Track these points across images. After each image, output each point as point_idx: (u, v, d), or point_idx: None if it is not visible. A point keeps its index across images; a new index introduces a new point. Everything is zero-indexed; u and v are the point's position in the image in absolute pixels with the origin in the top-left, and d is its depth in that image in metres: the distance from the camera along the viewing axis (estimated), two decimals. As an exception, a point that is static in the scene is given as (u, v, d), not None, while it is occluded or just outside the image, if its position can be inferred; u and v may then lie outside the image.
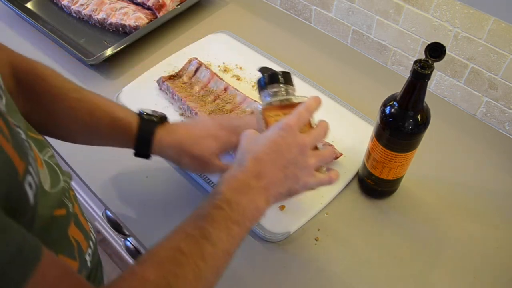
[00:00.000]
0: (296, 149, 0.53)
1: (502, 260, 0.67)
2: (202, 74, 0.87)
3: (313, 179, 0.55)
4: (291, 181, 0.53)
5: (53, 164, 0.51)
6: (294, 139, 0.53)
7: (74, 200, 0.54)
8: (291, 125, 0.53)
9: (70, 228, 0.51)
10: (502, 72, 0.76)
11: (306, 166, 0.54)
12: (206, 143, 0.64)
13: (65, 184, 0.51)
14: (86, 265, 0.54)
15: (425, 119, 0.61)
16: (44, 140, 0.52)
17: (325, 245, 0.68)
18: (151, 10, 1.02)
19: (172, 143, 0.64)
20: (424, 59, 0.55)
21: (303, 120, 0.55)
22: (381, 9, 0.87)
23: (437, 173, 0.77)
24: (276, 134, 0.53)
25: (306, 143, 0.54)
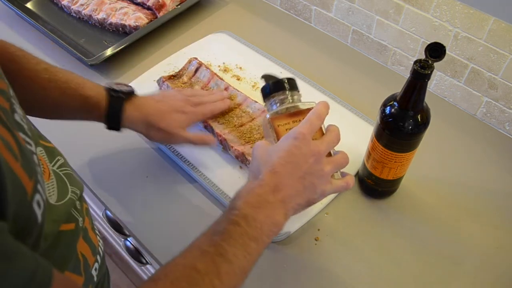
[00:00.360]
0: (312, 159, 0.52)
1: (502, 260, 0.67)
2: (202, 74, 0.87)
3: (330, 186, 0.55)
4: (309, 191, 0.52)
5: (63, 174, 0.50)
6: (308, 148, 0.52)
7: (86, 213, 0.53)
8: (304, 134, 0.52)
9: (79, 243, 0.50)
10: (502, 72, 0.76)
11: (323, 175, 0.53)
12: (172, 117, 0.68)
13: (72, 196, 0.50)
14: (93, 280, 0.53)
15: (425, 119, 0.61)
16: (55, 148, 0.52)
17: (325, 245, 0.68)
18: (151, 10, 1.02)
19: (140, 118, 0.67)
20: (424, 59, 0.55)
21: (315, 128, 0.54)
22: (381, 9, 0.87)
23: (437, 173, 0.77)
24: (291, 145, 0.52)
25: (321, 151, 0.53)
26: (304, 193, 0.52)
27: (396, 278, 0.65)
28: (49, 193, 0.45)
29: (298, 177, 0.51)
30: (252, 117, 0.79)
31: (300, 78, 0.89)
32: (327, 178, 0.54)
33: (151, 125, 0.67)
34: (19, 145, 0.35)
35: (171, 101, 0.71)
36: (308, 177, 0.52)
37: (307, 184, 0.52)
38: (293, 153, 0.52)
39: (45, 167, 0.45)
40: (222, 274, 0.43)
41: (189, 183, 0.75)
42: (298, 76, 0.89)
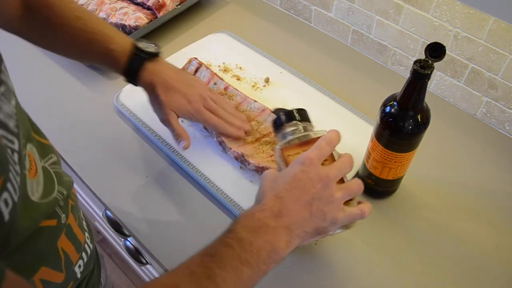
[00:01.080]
0: (320, 184, 0.49)
1: (502, 260, 0.67)
2: (202, 74, 0.87)
3: (342, 214, 0.51)
4: (318, 218, 0.49)
5: (53, 172, 0.49)
6: (316, 172, 0.50)
7: (71, 210, 0.52)
8: (311, 159, 0.50)
9: (60, 239, 0.49)
10: (502, 72, 0.76)
11: (333, 201, 0.50)
12: (176, 98, 0.68)
13: (58, 195, 0.49)
14: (75, 277, 0.53)
15: (425, 119, 0.61)
16: (50, 145, 0.52)
17: (325, 246, 0.68)
18: (151, 10, 1.02)
19: (150, 81, 0.67)
20: (424, 59, 0.55)
21: (324, 153, 0.52)
22: (381, 9, 0.87)
23: (437, 173, 0.77)
24: (297, 169, 0.50)
25: (330, 176, 0.50)
26: (312, 220, 0.49)
27: (396, 278, 0.65)
28: (32, 191, 0.43)
29: (305, 203, 0.49)
30: (252, 117, 0.79)
31: (300, 78, 0.89)
32: (338, 205, 0.51)
33: (154, 91, 0.67)
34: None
35: (189, 86, 0.70)
36: (316, 203, 0.49)
37: (314, 210, 0.49)
38: (300, 178, 0.49)
39: (32, 164, 0.44)
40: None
41: (189, 183, 0.75)
42: (298, 76, 0.89)
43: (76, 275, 0.53)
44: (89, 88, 0.89)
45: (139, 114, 0.83)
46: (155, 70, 0.67)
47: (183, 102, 0.68)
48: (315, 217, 0.49)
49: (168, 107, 0.67)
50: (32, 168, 0.44)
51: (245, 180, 0.74)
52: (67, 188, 0.52)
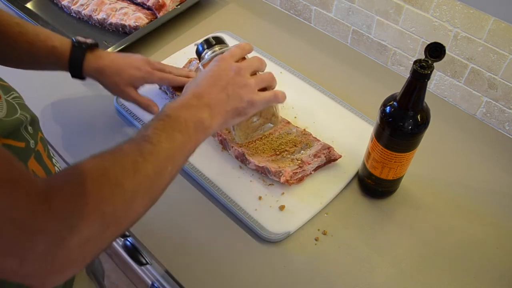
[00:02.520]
0: (232, 72, 0.57)
1: (502, 260, 0.67)
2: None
3: (258, 96, 0.58)
4: (235, 99, 0.56)
5: (15, 103, 0.54)
6: (228, 65, 0.58)
7: (40, 141, 0.57)
8: (224, 57, 0.58)
9: (30, 161, 0.54)
10: (502, 72, 0.76)
11: (247, 85, 0.57)
12: (127, 71, 0.73)
13: (21, 117, 0.53)
14: None
15: (425, 119, 0.61)
16: (10, 86, 0.56)
17: (325, 245, 0.68)
18: (151, 10, 1.02)
19: (97, 67, 0.72)
20: (424, 59, 0.55)
21: (236, 55, 0.59)
22: (381, 9, 0.87)
23: (437, 173, 0.77)
24: (211, 66, 0.58)
25: (241, 66, 0.58)
26: (229, 100, 0.56)
27: (396, 278, 0.65)
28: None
29: (221, 87, 0.56)
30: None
31: (300, 78, 0.89)
32: (252, 89, 0.58)
33: (105, 75, 0.73)
34: None
35: (131, 58, 0.75)
36: (231, 87, 0.56)
37: (231, 93, 0.56)
38: (213, 70, 0.57)
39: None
40: (145, 153, 0.46)
41: (188, 182, 0.75)
42: (298, 76, 0.89)
43: None
44: (89, 89, 0.89)
45: (139, 114, 0.83)
46: (97, 57, 0.72)
47: (134, 71, 0.74)
48: (232, 98, 0.56)
49: (124, 86, 0.74)
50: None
51: (244, 179, 0.74)
52: (31, 115, 0.56)
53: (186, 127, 0.51)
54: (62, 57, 0.70)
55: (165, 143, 0.48)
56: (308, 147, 0.75)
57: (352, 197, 0.73)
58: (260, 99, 0.59)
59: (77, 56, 0.71)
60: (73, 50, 0.71)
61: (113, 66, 0.73)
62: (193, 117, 0.52)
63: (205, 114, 0.54)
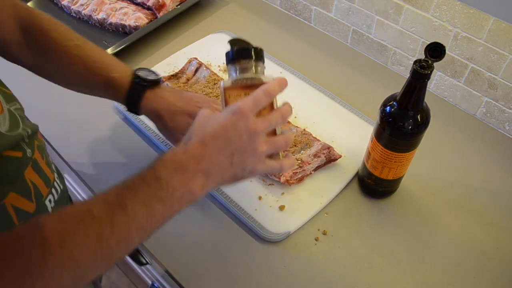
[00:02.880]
0: (246, 136, 0.50)
1: (502, 260, 0.67)
2: (202, 74, 0.87)
3: (262, 166, 0.53)
4: (237, 168, 0.51)
5: (17, 115, 0.53)
6: (245, 125, 0.50)
7: (38, 149, 0.56)
8: (243, 110, 0.50)
9: (27, 171, 0.52)
10: (502, 72, 0.76)
11: (256, 154, 0.51)
12: (183, 119, 0.67)
13: (23, 132, 0.53)
14: (46, 210, 0.56)
15: (425, 119, 0.61)
16: (13, 95, 0.55)
17: (325, 245, 0.68)
18: (151, 10, 1.02)
19: (153, 110, 0.67)
20: (424, 59, 0.55)
21: (260, 104, 0.51)
22: (381, 9, 0.87)
23: (437, 173, 0.77)
24: (227, 119, 0.50)
25: (258, 130, 0.50)
26: (231, 169, 0.51)
27: (396, 277, 0.65)
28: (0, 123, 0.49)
29: (228, 153, 0.50)
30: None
31: (300, 78, 0.89)
32: (260, 158, 0.52)
33: (160, 120, 0.67)
34: None
35: (190, 103, 0.69)
36: (239, 154, 0.50)
37: (236, 161, 0.50)
38: (227, 127, 0.50)
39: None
40: (115, 224, 0.43)
41: (189, 183, 0.75)
42: (298, 76, 0.89)
43: (47, 208, 0.56)
44: (89, 88, 0.89)
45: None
46: (156, 97, 0.67)
47: (187, 117, 0.67)
48: (235, 166, 0.51)
49: (177, 131, 0.67)
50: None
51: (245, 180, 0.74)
52: (32, 129, 0.55)
53: (171, 197, 0.47)
54: (120, 90, 0.66)
55: (141, 215, 0.45)
56: (308, 147, 0.75)
57: (352, 197, 0.73)
58: (263, 170, 0.53)
59: (136, 93, 0.66)
60: (132, 87, 0.66)
61: (168, 111, 0.67)
62: (183, 187, 0.48)
63: (198, 183, 0.48)
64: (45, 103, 0.87)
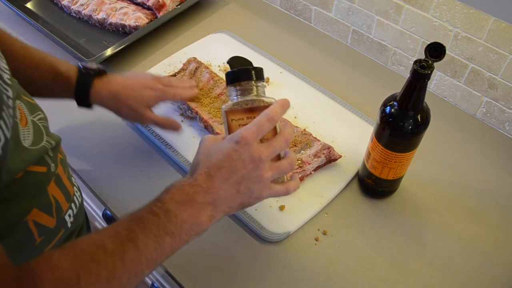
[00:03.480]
0: (251, 165, 0.50)
1: (502, 260, 0.67)
2: (202, 74, 0.87)
3: (268, 191, 0.53)
4: (244, 195, 0.52)
5: (41, 126, 0.52)
6: (249, 154, 0.50)
7: (60, 162, 0.55)
8: (247, 139, 0.50)
9: (50, 186, 0.52)
10: (502, 72, 0.76)
11: (262, 180, 0.52)
12: (140, 93, 0.70)
13: (46, 144, 0.52)
14: (66, 225, 0.56)
15: (425, 119, 0.61)
16: (37, 105, 0.55)
17: (325, 245, 0.68)
18: (151, 10, 1.02)
19: (107, 94, 0.69)
20: (424, 59, 0.55)
21: (263, 131, 0.51)
22: (381, 9, 0.87)
23: (437, 173, 0.77)
24: (231, 149, 0.50)
25: (263, 157, 0.51)
26: (238, 197, 0.51)
27: (396, 278, 0.65)
28: (24, 137, 0.47)
29: (234, 182, 0.50)
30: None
31: (300, 78, 0.89)
32: (266, 184, 0.52)
33: (118, 101, 0.69)
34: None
35: (140, 78, 0.73)
36: (245, 182, 0.51)
37: (242, 189, 0.51)
38: (232, 157, 0.50)
39: (23, 115, 0.48)
40: (126, 259, 0.44)
41: (189, 183, 0.75)
42: (298, 76, 0.89)
43: (67, 223, 0.56)
44: (89, 88, 0.89)
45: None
46: (106, 82, 0.69)
47: (147, 91, 0.71)
48: (242, 194, 0.51)
49: (140, 108, 0.70)
50: (22, 119, 0.47)
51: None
52: (56, 140, 0.55)
53: (180, 230, 0.48)
54: (68, 83, 0.67)
55: (151, 248, 0.46)
56: (308, 147, 0.75)
57: (352, 197, 0.73)
58: (269, 195, 0.54)
59: (84, 83, 0.68)
60: (80, 77, 0.68)
61: (124, 90, 0.69)
62: (191, 219, 0.49)
63: (206, 214, 0.50)
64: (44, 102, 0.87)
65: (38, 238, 0.51)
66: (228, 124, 0.55)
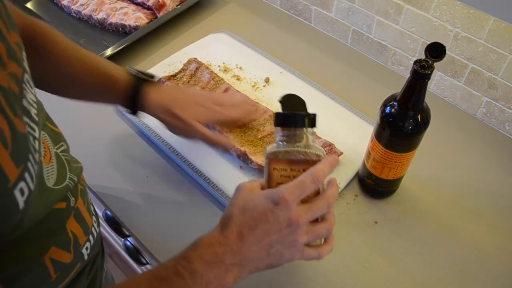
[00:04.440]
0: (287, 230, 0.47)
1: (502, 260, 0.67)
2: (202, 75, 0.87)
3: (300, 255, 0.50)
4: (274, 258, 0.49)
5: (64, 159, 0.50)
6: (287, 217, 0.47)
7: (80, 194, 0.53)
8: (287, 200, 0.46)
9: (69, 221, 0.50)
10: (502, 72, 0.76)
11: (295, 245, 0.48)
12: (192, 107, 0.68)
13: (69, 182, 0.49)
14: (83, 258, 0.54)
15: (425, 119, 0.61)
16: (60, 133, 0.53)
17: (325, 245, 0.68)
18: (151, 10, 1.02)
19: (160, 102, 0.67)
20: (424, 59, 0.55)
21: (306, 193, 0.48)
22: (381, 9, 0.87)
23: (437, 173, 0.77)
24: (268, 209, 0.47)
25: (300, 222, 0.47)
26: (268, 259, 0.48)
27: (396, 278, 0.65)
28: (48, 176, 0.45)
29: (265, 244, 0.47)
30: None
31: (300, 78, 0.89)
32: (299, 248, 0.49)
33: (169, 111, 0.66)
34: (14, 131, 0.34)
35: (193, 93, 0.71)
36: (277, 246, 0.48)
37: (273, 252, 0.48)
38: (268, 219, 0.47)
39: (47, 150, 0.46)
40: None
41: (189, 183, 0.75)
42: (298, 76, 0.89)
43: (84, 256, 0.54)
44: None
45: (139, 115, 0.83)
46: (159, 91, 0.67)
47: (198, 108, 0.68)
48: (271, 257, 0.49)
49: (192, 120, 0.67)
50: (46, 155, 0.45)
51: (245, 180, 0.74)
52: (77, 175, 0.52)
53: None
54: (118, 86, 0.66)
55: None
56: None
57: (352, 197, 0.73)
58: (300, 259, 0.50)
59: (136, 87, 0.66)
60: (132, 81, 0.66)
61: (176, 101, 0.67)
62: (217, 280, 0.46)
63: (233, 276, 0.47)
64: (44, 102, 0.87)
65: (54, 274, 0.48)
66: (269, 171, 0.51)
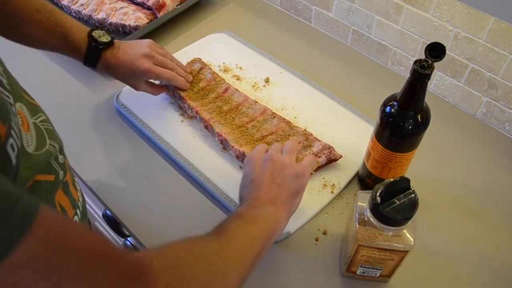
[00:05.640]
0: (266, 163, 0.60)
1: (502, 260, 0.67)
2: (205, 75, 0.87)
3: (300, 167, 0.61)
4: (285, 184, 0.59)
5: (43, 129, 0.52)
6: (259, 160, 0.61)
7: (68, 168, 0.56)
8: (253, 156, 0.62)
9: (58, 194, 0.52)
10: (502, 72, 0.76)
11: (284, 164, 0.60)
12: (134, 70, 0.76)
13: (50, 148, 0.51)
14: None
15: (425, 119, 0.61)
16: (38, 106, 0.55)
17: (325, 245, 0.68)
18: (151, 10, 1.02)
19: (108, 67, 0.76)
20: (424, 59, 0.55)
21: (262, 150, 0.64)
22: (381, 9, 0.87)
23: (437, 173, 0.77)
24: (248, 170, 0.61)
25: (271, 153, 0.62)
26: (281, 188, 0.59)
27: (395, 278, 0.65)
28: (27, 143, 0.47)
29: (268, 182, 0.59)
30: (252, 117, 0.79)
31: (300, 78, 0.89)
32: (292, 164, 0.61)
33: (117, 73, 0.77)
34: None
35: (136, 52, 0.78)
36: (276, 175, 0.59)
37: (279, 180, 0.59)
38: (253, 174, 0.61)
39: (24, 120, 0.48)
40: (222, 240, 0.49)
41: (189, 183, 0.75)
42: (298, 76, 0.89)
43: None
44: (89, 88, 0.89)
45: (139, 114, 0.83)
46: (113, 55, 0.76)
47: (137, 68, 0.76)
48: (282, 185, 0.59)
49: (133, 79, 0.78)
50: (24, 124, 0.47)
51: (245, 180, 0.74)
52: (59, 143, 0.55)
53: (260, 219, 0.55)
54: (77, 52, 0.74)
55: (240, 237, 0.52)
56: (309, 147, 0.75)
57: (352, 197, 0.73)
58: (304, 168, 0.62)
59: (93, 55, 0.74)
60: (90, 48, 0.73)
61: (122, 65, 0.76)
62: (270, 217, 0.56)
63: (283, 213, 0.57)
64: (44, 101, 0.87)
65: None
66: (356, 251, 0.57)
